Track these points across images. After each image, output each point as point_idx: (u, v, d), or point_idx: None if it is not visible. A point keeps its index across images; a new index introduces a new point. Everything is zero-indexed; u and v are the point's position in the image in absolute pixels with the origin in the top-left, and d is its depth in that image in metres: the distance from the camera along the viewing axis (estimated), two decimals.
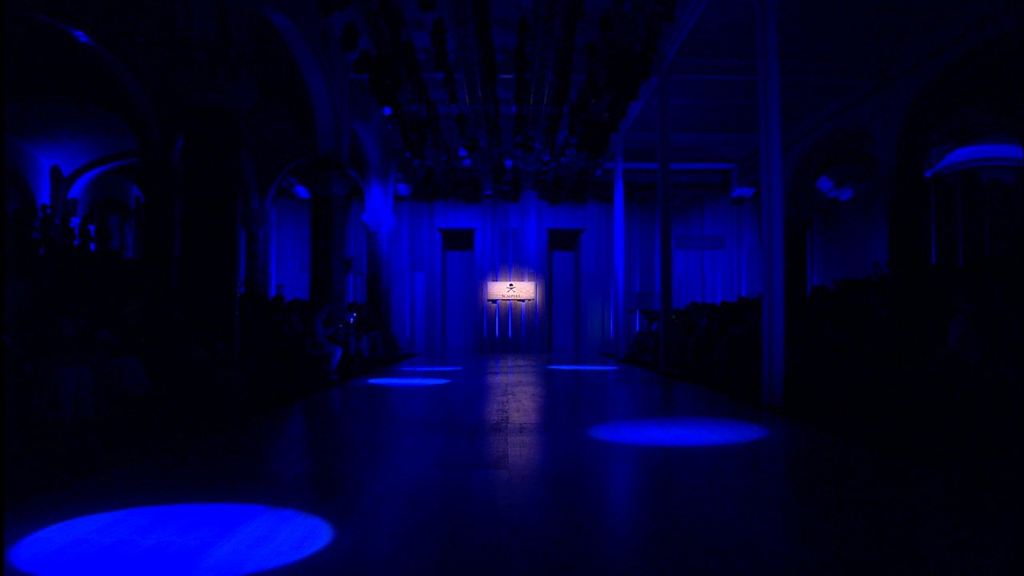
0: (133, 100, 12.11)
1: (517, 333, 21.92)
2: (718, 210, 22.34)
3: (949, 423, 5.37)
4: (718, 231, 22.38)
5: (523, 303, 21.87)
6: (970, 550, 3.09)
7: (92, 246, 14.89)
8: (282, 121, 15.81)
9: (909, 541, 3.21)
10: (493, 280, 21.85)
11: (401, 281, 21.62)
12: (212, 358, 7.17)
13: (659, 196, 12.29)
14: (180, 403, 6.67)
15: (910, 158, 12.44)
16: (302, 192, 21.52)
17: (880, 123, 12.93)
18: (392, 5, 9.77)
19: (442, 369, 13.81)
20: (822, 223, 22.19)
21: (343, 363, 11.60)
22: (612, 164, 16.78)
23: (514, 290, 21.76)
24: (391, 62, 10.65)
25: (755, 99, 7.72)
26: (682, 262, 22.00)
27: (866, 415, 6.46)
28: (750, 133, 16.82)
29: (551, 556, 2.96)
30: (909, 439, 5.39)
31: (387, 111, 12.52)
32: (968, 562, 2.94)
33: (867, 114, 13.41)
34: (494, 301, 21.85)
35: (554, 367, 14.37)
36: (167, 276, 11.82)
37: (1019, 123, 12.94)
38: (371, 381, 10.92)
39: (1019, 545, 3.15)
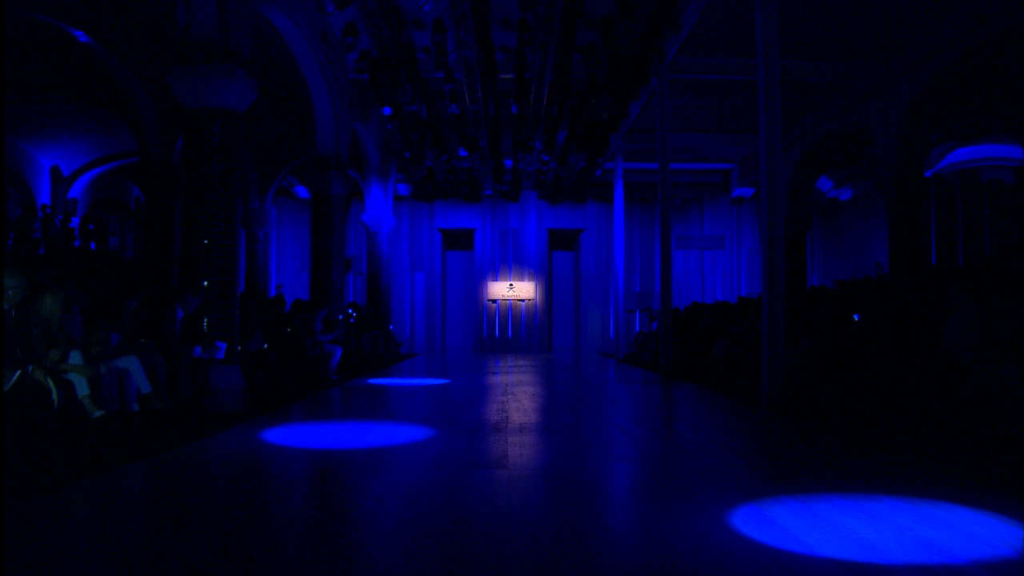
0: (133, 100, 12.11)
1: (517, 333, 21.92)
2: (718, 210, 22.34)
3: (949, 424, 5.37)
4: (718, 231, 22.38)
5: (523, 303, 21.87)
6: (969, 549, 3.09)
7: (92, 246, 14.89)
8: (282, 121, 15.81)
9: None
10: (493, 280, 21.84)
11: (401, 281, 21.62)
12: (212, 358, 7.16)
13: (659, 196, 12.29)
14: (180, 403, 6.67)
15: (910, 158, 12.44)
16: (302, 192, 21.52)
17: (880, 123, 12.92)
18: (392, 5, 9.78)
19: (442, 369, 13.82)
20: (822, 223, 22.19)
21: (343, 363, 11.60)
22: (612, 164, 16.78)
23: (514, 290, 21.75)
24: (391, 62, 10.65)
25: (755, 99, 7.72)
26: (682, 262, 22.00)
27: (866, 416, 6.46)
28: (750, 133, 16.82)
29: (551, 555, 2.96)
30: (909, 440, 5.39)
31: (387, 111, 12.53)
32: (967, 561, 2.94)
33: (867, 114, 13.41)
34: (494, 301, 21.85)
35: (554, 367, 14.37)
36: (167, 276, 11.82)
37: (1019, 123, 12.94)
38: (371, 381, 10.92)
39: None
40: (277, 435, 5.84)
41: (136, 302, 6.75)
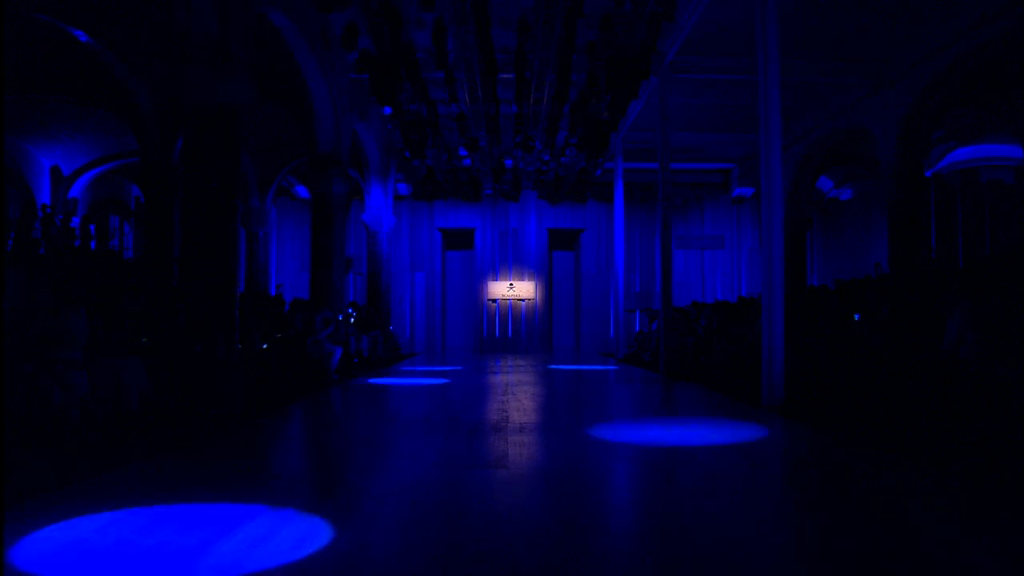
0: (133, 100, 12.10)
1: (517, 333, 21.92)
2: (718, 210, 22.34)
3: (949, 423, 5.37)
4: (718, 231, 22.37)
5: (523, 303, 21.87)
6: (969, 551, 3.09)
7: (92, 246, 14.89)
8: (282, 121, 15.80)
9: (907, 540, 3.21)
10: (493, 280, 21.84)
11: (401, 281, 21.61)
12: (212, 358, 7.16)
13: (659, 196, 12.29)
14: (180, 403, 6.67)
15: (910, 158, 12.43)
16: (302, 192, 21.51)
17: (880, 123, 12.92)
18: (392, 5, 9.77)
19: (442, 369, 13.81)
20: (822, 223, 22.18)
21: (343, 363, 11.59)
22: (612, 164, 16.78)
23: (514, 290, 21.75)
24: (391, 62, 10.65)
25: (755, 99, 7.71)
26: (682, 262, 21.99)
27: (866, 415, 6.46)
28: (750, 133, 16.80)
29: (551, 554, 2.96)
30: (908, 439, 5.38)
31: (387, 111, 12.52)
32: (967, 562, 2.94)
33: (867, 114, 13.40)
34: (494, 301, 21.85)
35: (554, 367, 14.37)
36: (167, 276, 11.81)
37: (1019, 123, 12.94)
38: (371, 381, 10.92)
39: (1019, 546, 3.15)
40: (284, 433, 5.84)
41: (136, 302, 6.75)
